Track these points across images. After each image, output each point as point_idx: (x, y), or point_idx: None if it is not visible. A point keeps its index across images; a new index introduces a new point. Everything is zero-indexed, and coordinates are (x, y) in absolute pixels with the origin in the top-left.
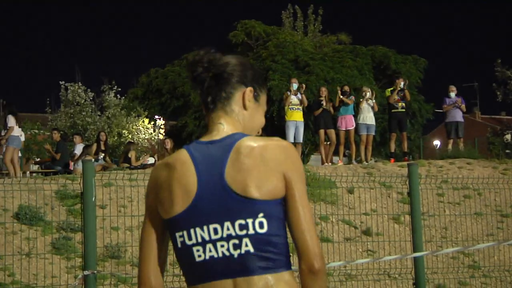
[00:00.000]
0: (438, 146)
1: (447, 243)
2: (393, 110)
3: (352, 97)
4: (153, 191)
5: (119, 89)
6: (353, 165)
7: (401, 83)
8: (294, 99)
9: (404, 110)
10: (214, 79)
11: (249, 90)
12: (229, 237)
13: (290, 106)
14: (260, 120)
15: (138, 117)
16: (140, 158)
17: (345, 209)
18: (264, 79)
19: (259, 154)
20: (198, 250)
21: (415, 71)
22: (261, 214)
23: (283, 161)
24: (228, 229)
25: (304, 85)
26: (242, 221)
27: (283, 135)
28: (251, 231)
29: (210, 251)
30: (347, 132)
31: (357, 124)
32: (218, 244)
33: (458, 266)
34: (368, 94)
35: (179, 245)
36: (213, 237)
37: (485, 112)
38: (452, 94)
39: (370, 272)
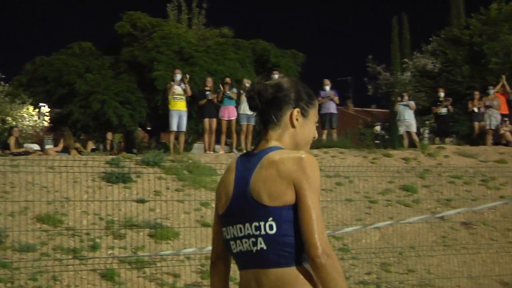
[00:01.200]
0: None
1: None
2: None
3: (235, 90)
4: (218, 188)
5: (3, 76)
6: (233, 154)
7: (275, 76)
8: (177, 89)
9: None
10: (265, 105)
11: (296, 111)
12: (248, 236)
13: (173, 96)
14: (310, 132)
15: (22, 104)
16: (24, 145)
17: None
18: (311, 95)
19: (275, 167)
20: (232, 244)
21: (294, 65)
22: (270, 218)
23: (294, 171)
24: (247, 229)
25: (187, 76)
26: (257, 223)
27: (167, 124)
28: (263, 232)
29: (238, 245)
30: (229, 122)
31: (238, 114)
32: (243, 240)
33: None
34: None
35: (224, 238)
36: (239, 234)
37: (358, 104)
38: (327, 88)
39: None
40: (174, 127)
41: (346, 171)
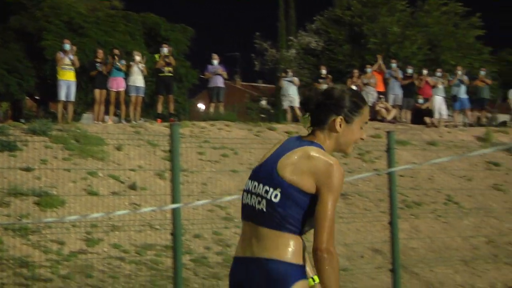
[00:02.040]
0: (202, 109)
1: (205, 197)
2: (160, 74)
3: (124, 61)
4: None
5: None
6: (122, 124)
7: (165, 49)
8: (66, 59)
9: (171, 74)
10: (315, 108)
11: (339, 119)
12: (257, 194)
13: (62, 66)
14: (353, 136)
15: None
16: None
17: (113, 165)
18: (358, 104)
19: (308, 159)
20: (245, 195)
21: (183, 39)
22: (279, 189)
23: (322, 173)
24: (259, 189)
25: (74, 47)
26: (267, 188)
27: (55, 94)
28: (268, 197)
29: (247, 198)
30: (118, 93)
31: (127, 85)
32: (252, 196)
33: (214, 218)
34: (138, 58)
35: (244, 188)
36: (252, 190)
37: (245, 79)
38: (215, 62)
39: (133, 223)
40: (62, 97)
41: (231, 143)
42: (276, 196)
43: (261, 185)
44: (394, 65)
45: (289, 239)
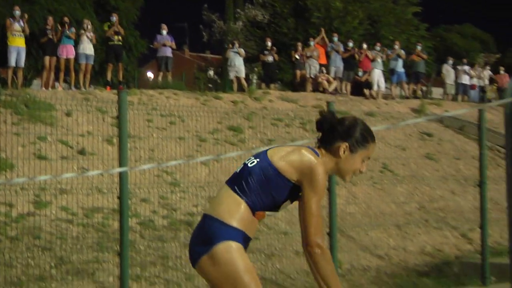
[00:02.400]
0: (151, 78)
1: (153, 163)
2: (110, 43)
3: (73, 29)
4: None
5: None
6: (72, 91)
7: (114, 18)
8: (16, 25)
9: (120, 43)
10: (327, 130)
11: (344, 145)
12: (244, 163)
13: (12, 32)
14: (352, 165)
15: None
16: None
17: (62, 130)
18: (367, 138)
19: (297, 154)
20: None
21: (133, 9)
22: (260, 164)
23: (306, 169)
24: (251, 160)
25: (26, 14)
26: (253, 159)
27: (5, 60)
28: (250, 165)
29: (239, 167)
30: (67, 60)
31: (77, 53)
32: (243, 165)
33: (161, 182)
34: (89, 27)
35: None
36: (247, 161)
37: (193, 50)
38: (164, 32)
39: (81, 187)
40: (12, 63)
41: (179, 110)
42: (253, 164)
43: (252, 158)
44: (336, 39)
45: (242, 208)
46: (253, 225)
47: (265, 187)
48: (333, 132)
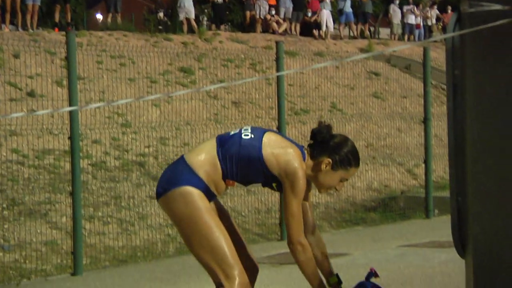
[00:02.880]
0: (100, 20)
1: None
2: None
3: None
4: None
5: None
6: (19, 32)
7: None
8: None
9: None
10: (319, 141)
11: (327, 161)
12: (240, 133)
13: None
14: (330, 182)
15: None
16: None
17: (10, 72)
18: (350, 161)
19: (288, 154)
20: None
21: None
22: (252, 143)
23: (289, 173)
24: (245, 135)
25: None
26: (249, 130)
27: None
28: (242, 137)
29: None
30: (14, 0)
31: None
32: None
33: (112, 124)
34: None
35: None
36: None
37: None
38: None
39: (32, 127)
40: None
41: (129, 52)
42: (246, 138)
43: (249, 129)
44: None
45: (216, 169)
46: (220, 186)
47: (244, 164)
48: (323, 145)
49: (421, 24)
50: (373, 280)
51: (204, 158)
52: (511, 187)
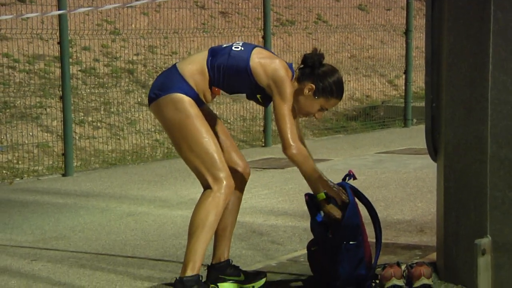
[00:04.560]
0: None
1: (95, 12)
2: None
3: None
4: None
5: None
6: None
7: None
8: None
9: None
10: (308, 67)
11: (310, 85)
12: (231, 45)
13: None
14: (309, 108)
15: None
16: None
17: None
18: (333, 92)
19: (275, 65)
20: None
21: None
22: (241, 54)
23: (277, 82)
24: (235, 47)
25: None
26: (239, 48)
27: None
28: (232, 49)
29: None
30: None
31: None
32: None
33: (102, 31)
34: None
35: None
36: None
37: None
38: None
39: (22, 32)
40: None
41: None
42: (237, 50)
43: (240, 43)
44: None
45: (204, 76)
46: (208, 94)
47: (232, 73)
48: (311, 71)
49: None
50: (351, 182)
51: (195, 68)
52: (483, 94)
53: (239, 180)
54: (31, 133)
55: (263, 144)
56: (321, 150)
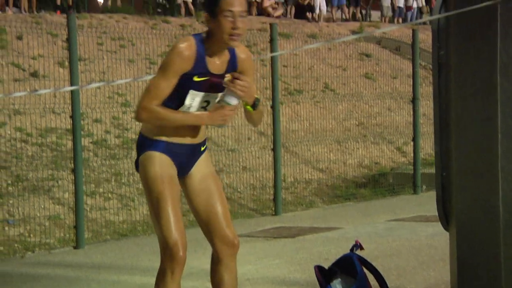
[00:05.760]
0: (101, 3)
1: (106, 85)
2: None
3: None
4: None
5: None
6: (22, 15)
7: None
8: None
9: None
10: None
11: (204, 15)
12: None
13: None
14: (220, 29)
15: None
16: None
17: (14, 53)
18: (215, 3)
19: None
20: None
21: None
22: None
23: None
24: None
25: None
26: None
27: None
28: None
29: None
30: None
31: None
32: None
33: (113, 103)
34: None
35: None
36: None
37: None
38: None
39: (35, 107)
40: None
41: (128, 34)
42: None
43: None
44: None
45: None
46: (177, 129)
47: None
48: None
49: (413, 5)
50: (358, 252)
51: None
52: (493, 162)
53: (227, 250)
54: (42, 206)
55: (274, 213)
56: (332, 218)
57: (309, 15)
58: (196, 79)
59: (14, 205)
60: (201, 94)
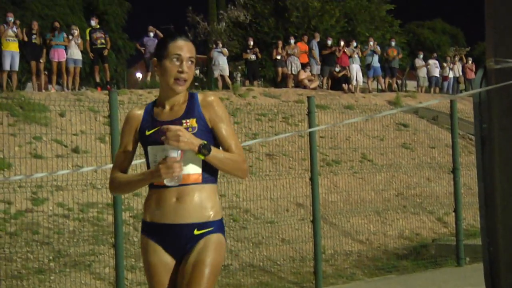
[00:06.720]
0: (140, 78)
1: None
2: (93, 47)
3: (65, 34)
4: None
5: None
6: (64, 92)
7: (92, 22)
8: (10, 31)
9: (103, 46)
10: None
11: (154, 61)
12: None
13: (6, 38)
14: (167, 74)
15: None
16: None
17: (57, 130)
18: (163, 43)
19: None
20: None
21: (121, 12)
22: None
23: None
24: None
25: (18, 21)
26: None
27: (0, 64)
28: None
29: None
30: (59, 63)
31: (66, 58)
32: None
33: None
34: (76, 33)
35: None
36: None
37: None
38: (151, 34)
39: (76, 183)
40: (7, 67)
41: None
42: None
43: None
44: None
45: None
46: (158, 206)
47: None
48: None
49: (449, 75)
50: None
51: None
52: None
53: None
54: (83, 281)
55: (314, 286)
56: None
57: (345, 86)
58: (147, 133)
59: (56, 281)
60: (161, 147)
